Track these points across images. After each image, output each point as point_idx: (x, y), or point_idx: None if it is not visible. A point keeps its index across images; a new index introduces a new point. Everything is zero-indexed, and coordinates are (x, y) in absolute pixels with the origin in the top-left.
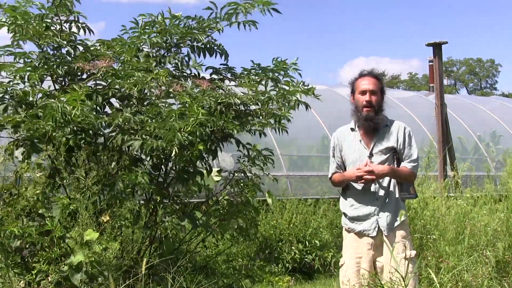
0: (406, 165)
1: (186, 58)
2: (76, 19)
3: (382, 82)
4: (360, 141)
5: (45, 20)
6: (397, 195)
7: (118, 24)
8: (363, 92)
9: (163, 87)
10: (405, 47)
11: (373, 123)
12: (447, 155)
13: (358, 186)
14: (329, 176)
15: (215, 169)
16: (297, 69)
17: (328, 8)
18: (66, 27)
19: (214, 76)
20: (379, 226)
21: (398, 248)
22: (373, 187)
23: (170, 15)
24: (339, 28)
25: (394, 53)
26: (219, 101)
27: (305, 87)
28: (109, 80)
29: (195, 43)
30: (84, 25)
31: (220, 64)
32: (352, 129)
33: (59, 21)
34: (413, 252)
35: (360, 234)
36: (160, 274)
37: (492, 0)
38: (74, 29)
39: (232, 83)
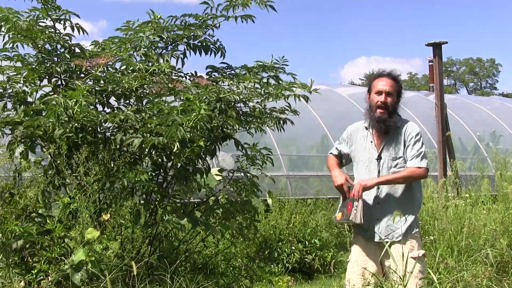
0: (408, 164)
1: (182, 56)
2: (67, 18)
3: (399, 84)
4: (371, 141)
5: (39, 22)
6: (402, 199)
7: (119, 23)
8: (379, 93)
9: (163, 84)
10: (407, 47)
11: (384, 125)
12: (447, 155)
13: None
14: (329, 152)
15: (214, 169)
16: (283, 69)
17: (329, 8)
18: (59, 29)
19: (213, 74)
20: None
21: (406, 247)
22: (375, 192)
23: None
24: (340, 27)
25: (395, 53)
26: (220, 96)
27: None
28: (108, 76)
29: (191, 41)
30: (77, 25)
31: (220, 63)
32: (366, 128)
33: (52, 22)
34: (421, 252)
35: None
36: (159, 273)
37: (492, 0)
38: (68, 29)
39: (227, 82)
